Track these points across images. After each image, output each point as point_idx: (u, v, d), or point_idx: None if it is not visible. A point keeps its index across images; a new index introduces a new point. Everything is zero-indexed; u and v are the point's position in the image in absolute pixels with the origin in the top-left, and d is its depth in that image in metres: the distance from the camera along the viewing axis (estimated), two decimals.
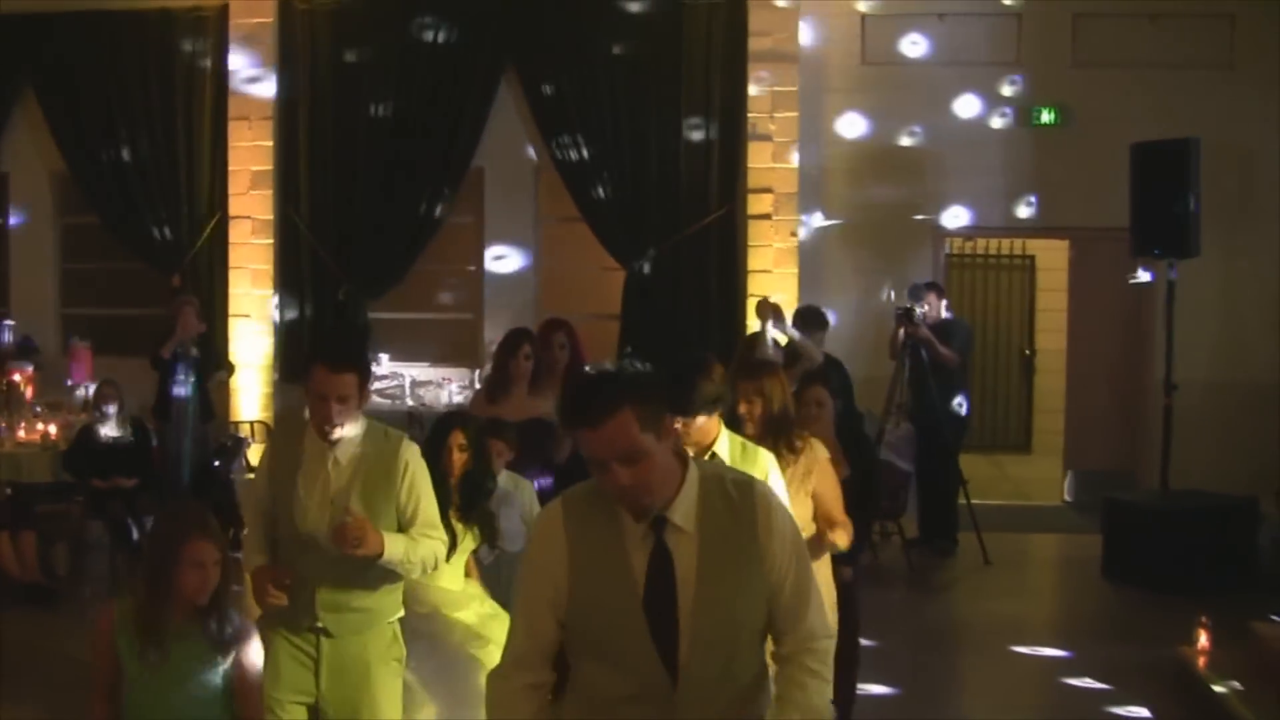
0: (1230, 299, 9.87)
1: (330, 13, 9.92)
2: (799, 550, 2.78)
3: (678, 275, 9.73)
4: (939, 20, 9.94)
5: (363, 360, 3.96)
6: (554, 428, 6.05)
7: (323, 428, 3.84)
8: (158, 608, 3.38)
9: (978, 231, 10.61)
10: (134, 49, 10.11)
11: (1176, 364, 8.53)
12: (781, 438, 4.37)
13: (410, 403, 9.62)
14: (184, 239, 10.14)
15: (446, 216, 9.98)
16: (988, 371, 11.36)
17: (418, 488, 3.96)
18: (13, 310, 10.49)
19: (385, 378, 9.90)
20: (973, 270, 11.44)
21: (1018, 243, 11.27)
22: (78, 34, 10.11)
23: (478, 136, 9.89)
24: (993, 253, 11.38)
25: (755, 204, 9.65)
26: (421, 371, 10.10)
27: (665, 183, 9.67)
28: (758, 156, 9.61)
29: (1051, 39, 9.93)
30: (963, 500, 8.87)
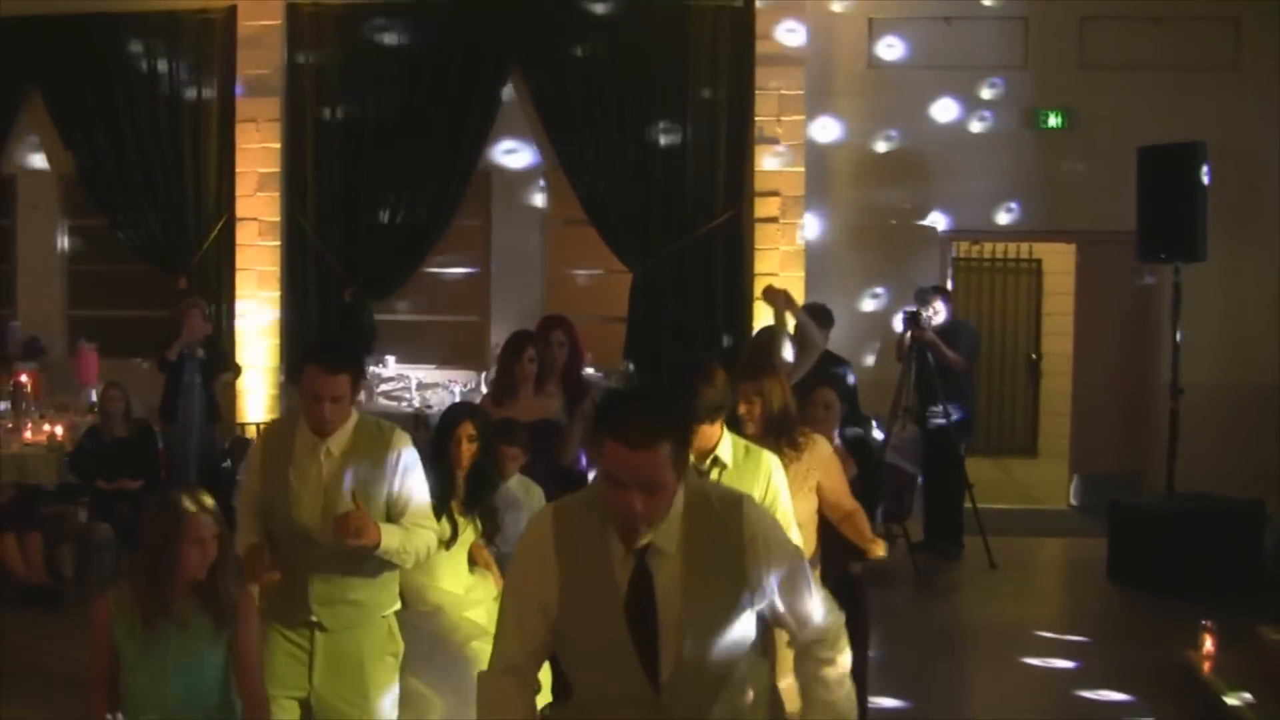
0: (1236, 302, 9.85)
1: (337, 16, 9.94)
2: (792, 562, 2.78)
3: (684, 278, 9.72)
4: (946, 24, 9.95)
5: (356, 361, 3.97)
6: (561, 428, 6.06)
7: (319, 427, 3.86)
8: (160, 587, 3.37)
9: (984, 235, 10.63)
10: (141, 51, 10.13)
11: (1182, 367, 8.53)
12: (783, 436, 4.38)
13: (416, 404, 9.62)
14: (190, 241, 10.15)
15: (453, 219, 10.01)
16: (994, 375, 11.37)
17: (410, 478, 3.96)
18: (20, 312, 10.52)
19: (391, 379, 9.92)
20: (979, 274, 11.46)
21: (1024, 246, 11.29)
22: (85, 36, 10.11)
23: (484, 139, 9.92)
24: (999, 256, 11.40)
25: (762, 207, 9.65)
26: (427, 373, 10.09)
27: (672, 186, 9.68)
28: (764, 159, 9.63)
29: (1057, 42, 9.93)
30: (968, 504, 8.87)
